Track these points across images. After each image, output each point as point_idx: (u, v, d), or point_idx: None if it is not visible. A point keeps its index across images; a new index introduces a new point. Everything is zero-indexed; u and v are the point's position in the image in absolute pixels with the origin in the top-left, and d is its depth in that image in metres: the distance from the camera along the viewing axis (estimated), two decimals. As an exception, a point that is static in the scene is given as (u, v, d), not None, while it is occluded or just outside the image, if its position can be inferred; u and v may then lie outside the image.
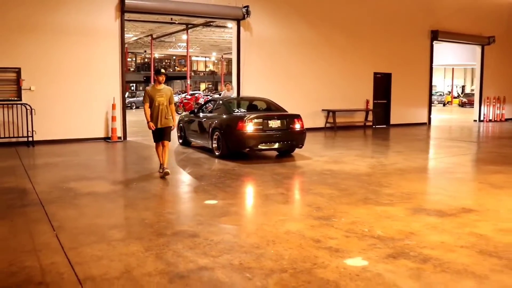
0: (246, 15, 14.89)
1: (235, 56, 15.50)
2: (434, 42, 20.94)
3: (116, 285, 3.55)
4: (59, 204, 6.06)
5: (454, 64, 37.45)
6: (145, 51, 48.60)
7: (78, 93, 12.82)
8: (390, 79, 19.46)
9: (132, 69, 56.53)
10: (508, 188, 7.38)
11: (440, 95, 46.87)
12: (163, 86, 7.93)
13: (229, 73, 32.47)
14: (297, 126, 10.04)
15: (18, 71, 11.94)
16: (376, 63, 18.86)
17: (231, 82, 16.04)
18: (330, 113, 17.17)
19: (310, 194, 6.78)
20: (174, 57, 57.92)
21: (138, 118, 26.19)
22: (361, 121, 18.49)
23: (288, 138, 9.91)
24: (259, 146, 9.61)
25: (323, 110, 17.30)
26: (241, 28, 15.34)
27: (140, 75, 52.17)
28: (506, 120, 23.48)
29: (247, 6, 14.82)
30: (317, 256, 4.19)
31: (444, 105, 44.70)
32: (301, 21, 16.54)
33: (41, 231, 4.95)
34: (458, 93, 49.49)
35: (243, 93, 15.27)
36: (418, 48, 20.19)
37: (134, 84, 54.75)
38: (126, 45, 46.96)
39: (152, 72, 43.72)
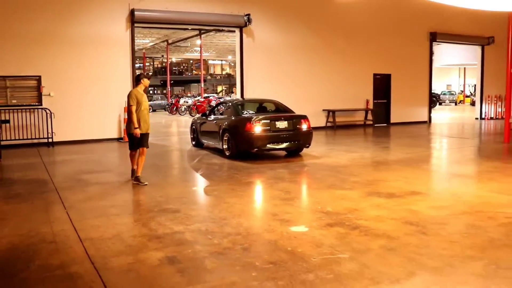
0: (247, 23, 16.01)
1: (239, 61, 16.63)
2: (434, 43, 21.71)
3: (107, 243, 4.69)
4: (71, 191, 7.25)
5: (466, 63, 37.88)
6: (162, 56, 50.06)
7: (93, 97, 14.09)
8: (389, 80, 20.31)
9: (150, 73, 58.12)
10: (466, 177, 8.31)
11: (452, 94, 47.13)
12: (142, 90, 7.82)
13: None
14: (304, 127, 10.34)
15: (38, 79, 13.27)
16: (376, 64, 19.74)
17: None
18: (330, 113, 18.14)
19: (285, 182, 7.82)
20: (191, 61, 59.34)
21: (155, 120, 27.50)
22: (361, 120, 19.40)
23: (295, 138, 10.21)
24: (267, 146, 9.92)
25: (323, 110, 18.27)
26: (244, 35, 16.45)
27: (157, 79, 53.72)
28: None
29: (249, 14, 15.94)
30: (269, 225, 5.27)
31: (456, 104, 44.99)
32: (302, 26, 17.55)
33: (55, 209, 6.13)
34: (470, 92, 49.66)
35: (247, 96, 16.34)
36: (418, 50, 20.98)
37: (152, 88, 56.30)
38: (143, 50, 48.59)
39: (169, 76, 45.16)
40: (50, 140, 13.28)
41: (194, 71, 64.41)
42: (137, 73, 8.37)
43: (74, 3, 13.77)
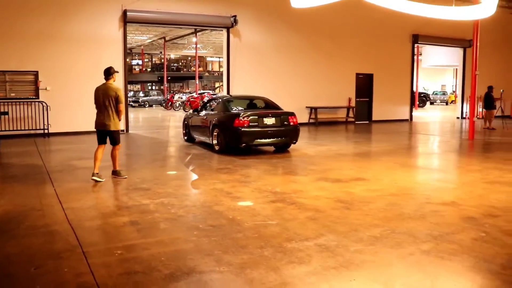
0: (234, 24, 17.02)
1: (225, 59, 17.65)
2: (416, 45, 22.70)
3: (84, 211, 5.73)
4: (60, 173, 8.29)
5: (453, 65, 38.78)
6: (161, 52, 51.06)
7: (87, 92, 14.95)
8: (372, 79, 21.31)
9: (149, 69, 59.12)
10: (413, 167, 9.34)
11: (444, 94, 48.11)
12: None
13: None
14: (291, 123, 10.65)
15: (36, 74, 14.31)
16: (359, 64, 20.75)
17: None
18: (313, 109, 19.16)
19: (250, 168, 8.84)
20: (189, 58, 60.27)
21: (150, 115, 28.59)
22: (343, 117, 20.42)
23: (282, 134, 10.54)
24: (255, 142, 10.25)
25: (307, 107, 19.28)
26: (231, 35, 17.47)
27: (155, 75, 54.70)
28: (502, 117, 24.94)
29: (235, 16, 16.95)
30: (221, 200, 6.31)
31: (447, 103, 45.94)
32: (287, 27, 18.55)
33: (45, 187, 7.17)
34: (461, 92, 50.52)
35: (233, 92, 17.34)
36: (400, 51, 21.97)
37: (151, 84, 57.30)
38: (142, 47, 49.45)
39: (166, 72, 46.10)
40: (46, 131, 14.32)
41: (192, 67, 65.35)
42: (108, 67, 7.82)
43: (71, 4, 14.78)
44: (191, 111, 15.63)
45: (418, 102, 38.61)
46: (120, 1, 15.37)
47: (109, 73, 7.71)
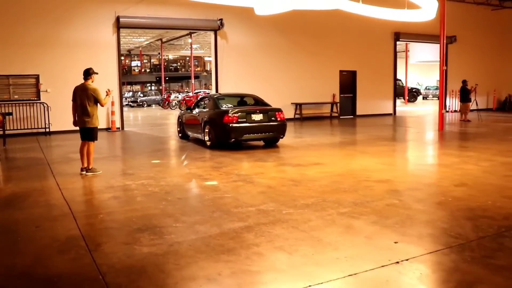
0: (220, 26, 18.26)
1: (214, 60, 18.88)
2: (398, 42, 23.88)
3: (77, 190, 6.99)
4: (59, 164, 9.55)
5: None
6: (159, 53, 52.31)
7: (84, 93, 16.35)
8: (355, 76, 22.51)
9: (148, 70, 60.40)
10: (370, 153, 10.55)
11: (437, 88, 49.12)
12: None
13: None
14: (278, 119, 11.21)
15: (37, 77, 15.59)
16: (342, 62, 21.95)
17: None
18: (298, 106, 20.37)
19: (225, 157, 10.06)
20: (187, 58, 61.50)
21: (147, 114, 29.85)
22: (328, 112, 21.62)
23: (270, 130, 11.11)
24: (243, 137, 10.84)
25: (292, 103, 20.49)
26: (218, 37, 18.71)
27: (153, 76, 55.99)
28: (471, 110, 26.11)
29: (221, 19, 18.19)
30: (192, 181, 7.57)
31: (438, 98, 46.93)
32: (272, 29, 19.74)
33: (46, 175, 8.42)
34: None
35: (222, 91, 18.57)
36: (382, 48, 23.15)
37: (150, 85, 58.59)
38: (140, 48, 50.62)
39: (163, 73, 47.34)
40: (47, 129, 15.59)
41: (190, 68, 66.47)
42: (87, 68, 8.41)
43: (68, 12, 16.05)
44: (184, 109, 16.69)
45: (409, 97, 39.72)
46: (113, 8, 16.61)
47: (88, 73, 8.23)
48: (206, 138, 11.40)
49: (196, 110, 12.47)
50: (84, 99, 8.15)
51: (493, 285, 3.64)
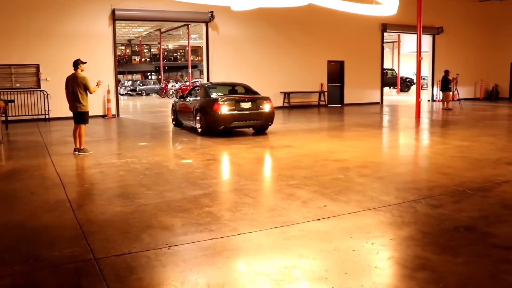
0: (211, 19, 19.19)
1: (205, 51, 19.83)
2: (385, 33, 24.72)
3: (69, 167, 8.02)
4: (56, 146, 10.59)
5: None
6: (159, 43, 53.08)
7: (81, 82, 17.36)
8: (343, 66, 23.40)
9: (148, 59, 61.24)
10: (340, 137, 11.53)
11: (431, 78, 49.79)
12: None
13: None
14: (266, 107, 11.53)
15: (37, 67, 16.60)
16: (330, 52, 22.84)
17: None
18: (286, 94, 21.32)
19: (209, 141, 11.00)
20: (186, 48, 62.23)
21: (145, 102, 30.82)
22: (316, 101, 22.57)
23: (258, 118, 11.43)
24: (232, 124, 11.19)
25: (281, 92, 21.44)
26: (209, 29, 19.64)
27: (152, 65, 56.87)
28: (458, 100, 26.95)
29: (212, 12, 19.11)
30: (171, 159, 8.59)
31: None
32: (262, 21, 20.61)
33: (43, 154, 9.45)
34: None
35: (213, 80, 19.52)
36: (370, 39, 23.98)
37: (150, 74, 59.48)
38: (140, 38, 51.35)
39: (162, 62, 48.19)
40: (47, 116, 16.63)
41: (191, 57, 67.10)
42: (75, 59, 9.34)
43: (67, 5, 17.01)
44: (178, 97, 17.59)
45: (401, 87, 40.50)
46: (109, 1, 17.55)
47: (76, 64, 9.17)
48: (198, 125, 11.83)
49: (189, 99, 12.89)
50: (75, 86, 9.10)
51: (395, 237, 4.62)
